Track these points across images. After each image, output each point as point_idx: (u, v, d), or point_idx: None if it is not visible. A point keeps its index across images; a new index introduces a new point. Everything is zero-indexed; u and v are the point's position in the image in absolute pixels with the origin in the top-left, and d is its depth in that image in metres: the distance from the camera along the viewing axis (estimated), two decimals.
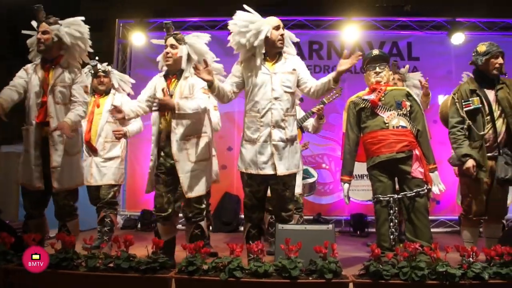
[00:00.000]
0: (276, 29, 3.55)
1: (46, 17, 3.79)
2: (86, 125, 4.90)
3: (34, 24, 3.82)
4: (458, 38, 7.29)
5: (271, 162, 3.48)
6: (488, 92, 3.84)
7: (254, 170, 3.51)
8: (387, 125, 3.80)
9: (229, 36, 3.66)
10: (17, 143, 3.87)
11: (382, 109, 3.85)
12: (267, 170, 3.48)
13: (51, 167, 3.69)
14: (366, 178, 4.32)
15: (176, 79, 3.80)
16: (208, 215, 4.66)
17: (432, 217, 6.12)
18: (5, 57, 9.41)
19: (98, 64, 4.95)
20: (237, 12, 3.61)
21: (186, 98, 3.67)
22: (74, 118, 3.67)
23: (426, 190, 3.72)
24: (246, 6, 3.59)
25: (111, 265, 2.89)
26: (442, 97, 6.86)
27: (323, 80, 3.55)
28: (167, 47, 3.77)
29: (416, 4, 9.04)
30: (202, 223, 3.74)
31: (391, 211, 3.73)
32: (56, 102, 3.73)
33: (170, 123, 3.67)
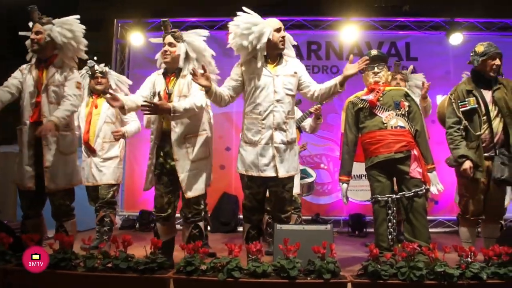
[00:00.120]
0: (277, 31, 3.55)
1: (39, 17, 3.79)
2: (85, 125, 4.91)
3: (31, 24, 3.82)
4: (456, 38, 7.29)
5: (273, 164, 3.48)
6: (485, 92, 3.84)
7: (255, 172, 3.50)
8: (386, 125, 3.80)
9: (228, 36, 3.65)
10: (16, 143, 3.86)
11: (381, 109, 3.85)
12: (268, 172, 3.48)
13: (44, 167, 3.67)
14: (365, 178, 4.31)
15: (175, 77, 3.75)
16: (205, 216, 4.66)
17: (430, 217, 6.12)
18: (5, 57, 9.41)
19: (95, 65, 4.94)
20: (238, 14, 3.58)
21: (185, 97, 3.62)
22: (61, 114, 3.61)
23: (424, 190, 3.72)
24: (245, 8, 3.57)
25: (110, 265, 2.88)
26: (440, 97, 6.81)
27: (328, 84, 3.56)
28: (165, 45, 3.71)
29: (414, 4, 9.03)
30: (200, 223, 3.74)
31: (390, 211, 3.74)
32: (50, 101, 3.72)
33: (170, 122, 3.63)
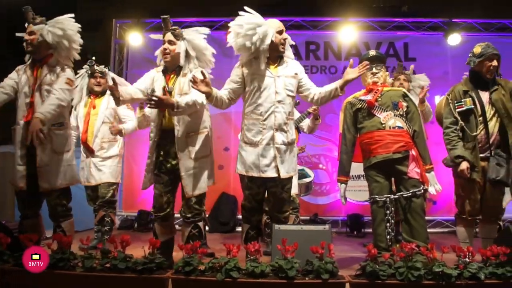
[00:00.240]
0: (279, 33, 3.55)
1: (33, 17, 3.77)
2: (83, 126, 4.90)
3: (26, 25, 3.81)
4: (455, 39, 7.31)
5: (274, 165, 3.48)
6: (482, 93, 3.85)
7: (255, 173, 3.49)
8: (384, 125, 3.81)
9: (227, 36, 3.64)
10: None
11: (379, 109, 3.86)
12: (269, 173, 3.48)
13: (38, 166, 3.65)
14: (363, 178, 4.32)
15: (175, 76, 3.70)
16: (203, 215, 4.66)
17: (428, 217, 6.14)
18: (5, 57, 9.40)
19: (95, 64, 4.93)
20: (240, 13, 3.56)
21: (186, 94, 3.57)
22: (45, 109, 3.53)
23: (422, 191, 3.73)
24: (247, 8, 3.55)
25: (108, 265, 2.88)
26: (438, 97, 6.85)
27: (329, 88, 3.59)
28: (165, 43, 3.67)
29: (412, 4, 9.05)
30: (200, 223, 3.72)
31: (388, 212, 3.74)
32: (43, 101, 3.67)
33: (171, 120, 3.60)
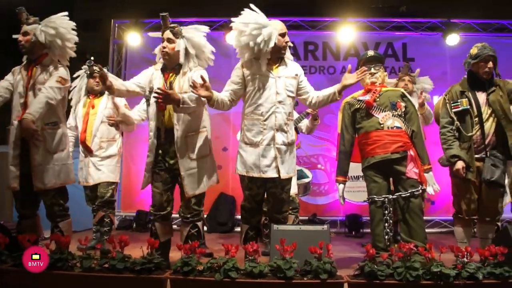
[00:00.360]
0: (282, 35, 3.55)
1: (27, 18, 3.77)
2: (82, 125, 4.89)
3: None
4: (453, 39, 7.31)
5: (274, 165, 3.47)
6: (479, 94, 3.87)
7: (256, 173, 3.48)
8: (382, 125, 3.81)
9: (230, 33, 3.64)
10: None
11: (377, 109, 3.86)
12: (270, 173, 3.47)
13: (31, 166, 3.64)
14: (362, 179, 4.33)
15: (174, 74, 3.67)
16: (202, 215, 4.66)
17: (426, 217, 6.15)
18: (5, 57, 9.40)
19: (94, 65, 4.92)
20: (245, 11, 3.55)
21: (186, 93, 3.54)
22: (33, 108, 3.51)
23: (420, 191, 3.73)
24: (253, 6, 3.54)
25: (106, 265, 2.88)
26: (436, 98, 6.89)
27: (327, 92, 3.62)
28: (164, 41, 3.63)
29: (411, 5, 9.08)
30: (198, 223, 3.71)
31: (386, 212, 3.74)
32: None
33: (170, 119, 3.58)
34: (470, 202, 3.81)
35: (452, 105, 3.91)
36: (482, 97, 3.86)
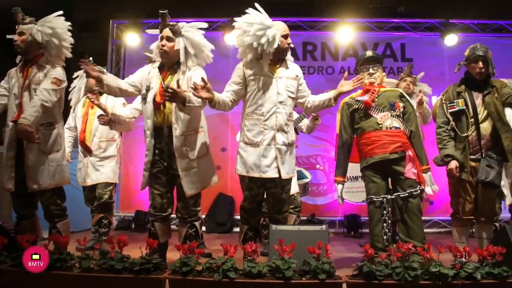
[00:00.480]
0: (285, 37, 3.56)
1: (22, 18, 3.76)
2: (81, 125, 4.88)
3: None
4: (451, 39, 7.31)
5: (275, 165, 3.48)
6: (475, 94, 3.88)
7: (256, 173, 3.48)
8: (381, 126, 3.81)
9: (231, 33, 3.63)
10: None
11: (376, 110, 3.86)
12: (270, 174, 3.47)
13: (25, 167, 3.63)
14: (361, 179, 4.32)
15: (172, 73, 3.65)
16: (199, 215, 4.66)
17: (425, 217, 6.16)
18: (5, 57, 9.37)
19: (92, 64, 4.90)
20: (250, 10, 3.54)
21: (185, 92, 3.50)
22: (28, 113, 3.48)
23: (419, 191, 3.74)
24: (257, 6, 3.53)
25: (105, 266, 2.88)
26: (435, 98, 6.90)
27: (323, 97, 3.69)
28: (163, 39, 3.60)
29: (409, 5, 9.07)
30: (196, 223, 3.72)
31: (385, 212, 3.75)
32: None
33: (167, 118, 3.56)
34: (467, 202, 3.82)
35: (448, 105, 3.93)
36: (478, 98, 3.87)
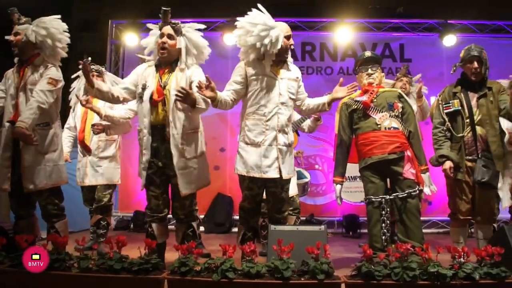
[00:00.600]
0: (287, 38, 3.55)
1: (18, 18, 3.76)
2: (80, 125, 4.86)
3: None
4: (450, 40, 7.33)
5: (276, 165, 3.48)
6: (471, 95, 3.89)
7: (257, 174, 3.47)
8: (379, 126, 3.82)
9: (233, 32, 3.62)
10: None
11: (374, 110, 3.87)
12: (271, 174, 3.47)
13: (22, 167, 3.63)
14: (359, 180, 4.33)
15: (169, 71, 3.61)
16: (197, 215, 4.65)
17: (424, 218, 6.14)
18: (4, 57, 9.37)
19: (91, 63, 4.88)
20: (253, 11, 3.53)
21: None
22: (25, 115, 3.48)
23: (417, 191, 3.74)
24: (260, 7, 3.52)
25: (104, 266, 2.87)
26: (433, 98, 6.90)
27: (318, 101, 3.75)
28: (163, 36, 3.55)
29: (408, 6, 9.07)
30: (193, 223, 3.71)
31: (383, 212, 3.75)
32: (28, 101, 3.62)
33: (164, 117, 3.53)
34: (464, 203, 3.82)
35: (444, 105, 3.94)
36: (474, 99, 3.88)
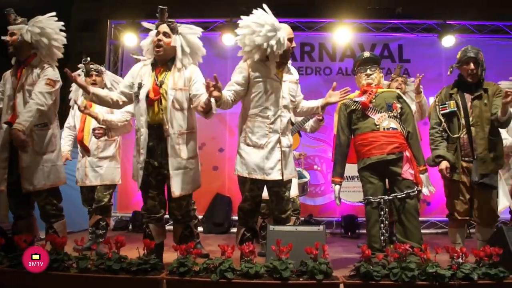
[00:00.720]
0: (290, 40, 3.55)
1: (14, 18, 3.75)
2: (79, 124, 4.85)
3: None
4: (449, 40, 7.33)
5: (278, 167, 3.48)
6: (467, 97, 3.89)
7: (259, 175, 3.47)
8: (378, 127, 3.82)
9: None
10: None
11: (373, 111, 3.87)
12: (273, 176, 3.47)
13: (20, 168, 3.62)
14: (357, 179, 4.34)
15: (166, 69, 3.59)
16: (195, 214, 4.65)
17: (422, 218, 6.16)
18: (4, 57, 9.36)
19: (89, 63, 4.88)
20: (259, 10, 3.51)
21: (181, 90, 3.51)
22: (23, 118, 3.48)
23: (416, 192, 3.75)
24: (266, 7, 3.50)
25: (102, 266, 2.87)
26: (432, 98, 6.90)
27: (312, 104, 3.78)
28: (159, 34, 3.53)
29: (407, 6, 9.09)
30: (190, 223, 3.71)
31: (382, 213, 3.76)
32: (25, 102, 3.63)
33: (161, 116, 3.51)
34: (462, 203, 3.82)
35: (440, 107, 3.94)
36: (470, 100, 3.88)
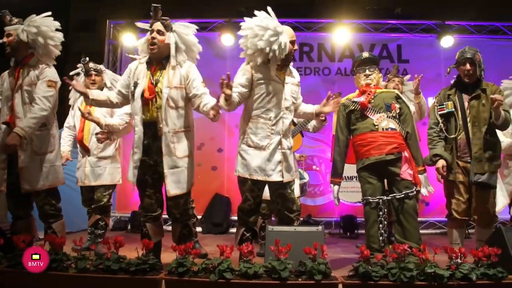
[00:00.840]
0: (292, 43, 3.56)
1: (10, 19, 3.75)
2: (79, 124, 4.84)
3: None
4: (448, 41, 7.33)
5: (279, 169, 3.50)
6: (465, 97, 3.90)
7: (260, 177, 3.48)
8: (377, 127, 3.83)
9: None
10: None
11: (372, 111, 3.88)
12: (275, 177, 3.49)
13: (18, 168, 3.62)
14: (356, 180, 4.35)
15: (161, 67, 3.59)
16: (193, 213, 4.64)
17: (421, 218, 6.17)
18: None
19: (89, 62, 4.87)
20: (262, 13, 3.51)
21: (176, 88, 3.51)
22: (27, 123, 3.50)
23: (415, 192, 3.75)
24: (269, 9, 3.51)
25: (101, 266, 2.87)
26: (431, 99, 6.91)
27: (308, 109, 3.83)
28: (153, 32, 3.53)
29: (406, 7, 9.09)
30: (189, 222, 3.71)
31: (380, 213, 3.76)
32: (24, 102, 3.64)
33: (156, 114, 3.51)
34: (460, 203, 3.82)
35: (438, 107, 3.95)
36: (467, 101, 3.89)
